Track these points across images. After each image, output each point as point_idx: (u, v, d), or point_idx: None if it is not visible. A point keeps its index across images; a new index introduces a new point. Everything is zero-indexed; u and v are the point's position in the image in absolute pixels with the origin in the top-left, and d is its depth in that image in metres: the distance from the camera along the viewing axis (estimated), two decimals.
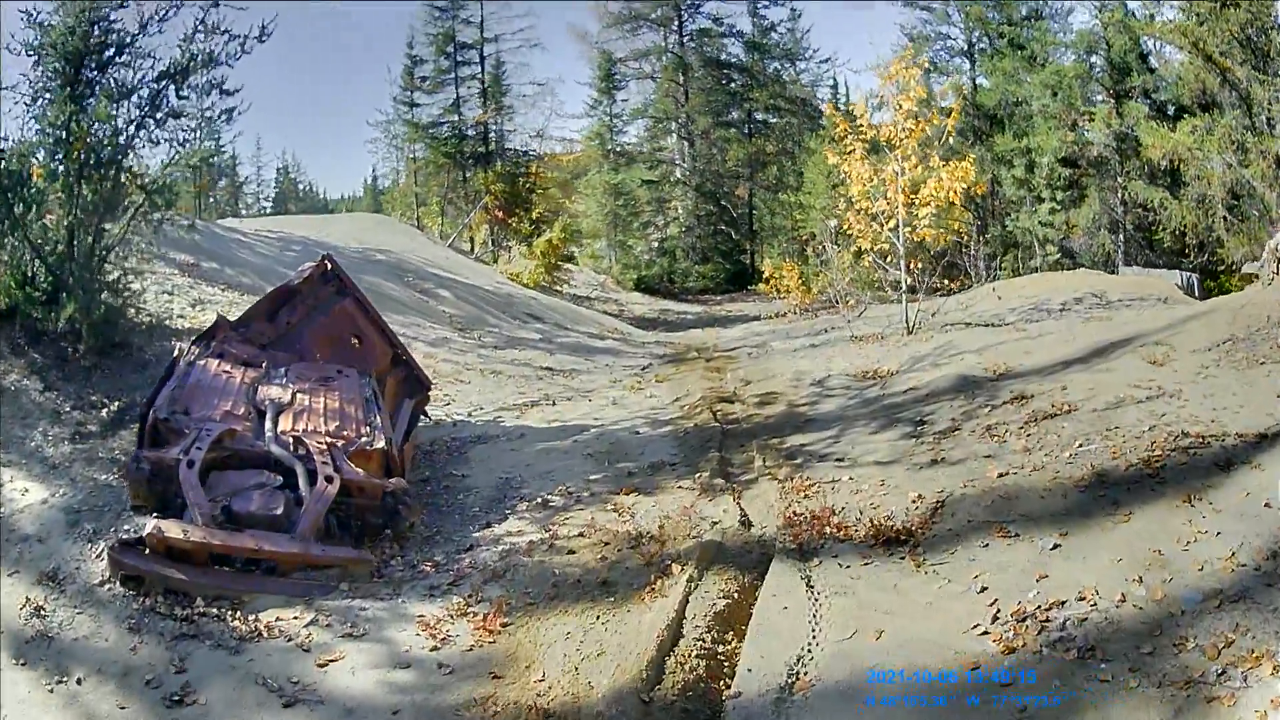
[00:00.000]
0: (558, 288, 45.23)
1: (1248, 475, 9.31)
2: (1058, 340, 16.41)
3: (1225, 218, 35.27)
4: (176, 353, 14.20)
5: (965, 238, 30.84)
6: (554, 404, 19.34)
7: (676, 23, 57.82)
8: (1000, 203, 43.61)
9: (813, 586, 9.21)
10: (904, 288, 23.71)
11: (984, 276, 37.25)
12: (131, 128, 16.02)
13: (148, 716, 7.86)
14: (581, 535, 11.18)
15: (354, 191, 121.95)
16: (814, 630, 8.44)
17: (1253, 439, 10.06)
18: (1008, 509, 10.03)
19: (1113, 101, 40.74)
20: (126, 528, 10.83)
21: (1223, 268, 36.03)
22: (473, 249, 53.33)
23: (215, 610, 9.38)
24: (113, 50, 15.80)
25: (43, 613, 9.28)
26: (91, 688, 8.20)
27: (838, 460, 13.18)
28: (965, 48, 48.83)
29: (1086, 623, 7.63)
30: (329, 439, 12.20)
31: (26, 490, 11.56)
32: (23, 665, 8.50)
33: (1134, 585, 7.93)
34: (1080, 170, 41.74)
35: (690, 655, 8.27)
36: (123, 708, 7.96)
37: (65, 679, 8.32)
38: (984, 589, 8.58)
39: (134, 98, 16.04)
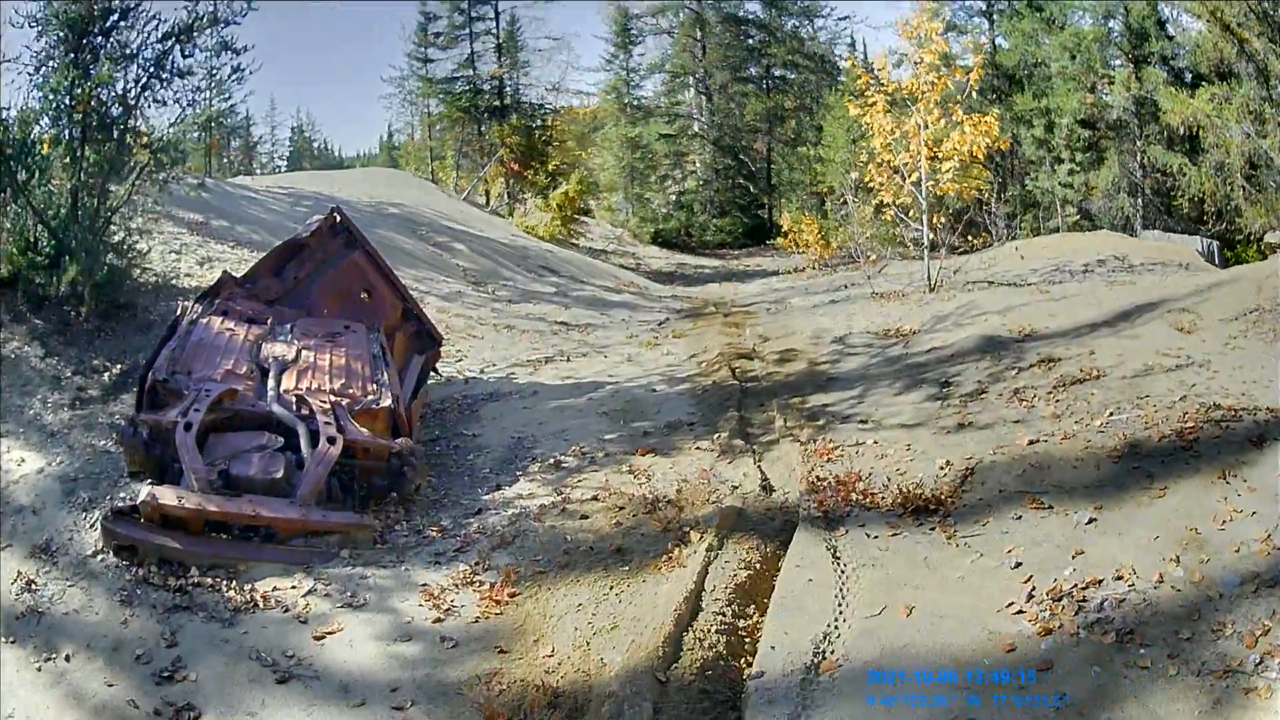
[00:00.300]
0: (574, 241, 45.21)
1: None
2: (1083, 303, 16.15)
3: (1244, 187, 35.16)
4: (180, 311, 13.90)
5: (986, 195, 30.70)
6: (569, 360, 19.17)
7: None
8: (1020, 162, 43.45)
9: (839, 558, 8.93)
10: (926, 244, 23.49)
11: (1004, 235, 37.15)
12: (136, 89, 15.91)
13: (136, 694, 7.60)
14: (595, 499, 10.91)
15: (370, 149, 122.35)
16: (841, 605, 8.16)
17: None
18: (1040, 479, 9.78)
19: (1131, 66, 40.59)
20: (122, 495, 10.55)
21: (1240, 237, 35.98)
22: (488, 202, 53.31)
23: (210, 580, 9.11)
24: (117, 15, 15.65)
25: (34, 587, 9.04)
26: (80, 665, 7.97)
27: (861, 422, 12.98)
28: (985, 7, 48.64)
29: (1125, 604, 7.36)
30: (333, 397, 11.90)
31: (23, 460, 11.33)
32: (11, 643, 8.25)
33: (1171, 565, 7.67)
34: (1099, 133, 41.57)
35: (710, 630, 7.98)
36: (110, 685, 7.71)
37: (53, 656, 8.08)
38: (1018, 564, 8.31)
39: (139, 60, 15.92)
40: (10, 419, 12.04)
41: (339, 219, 15.22)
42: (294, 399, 11.58)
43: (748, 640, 7.95)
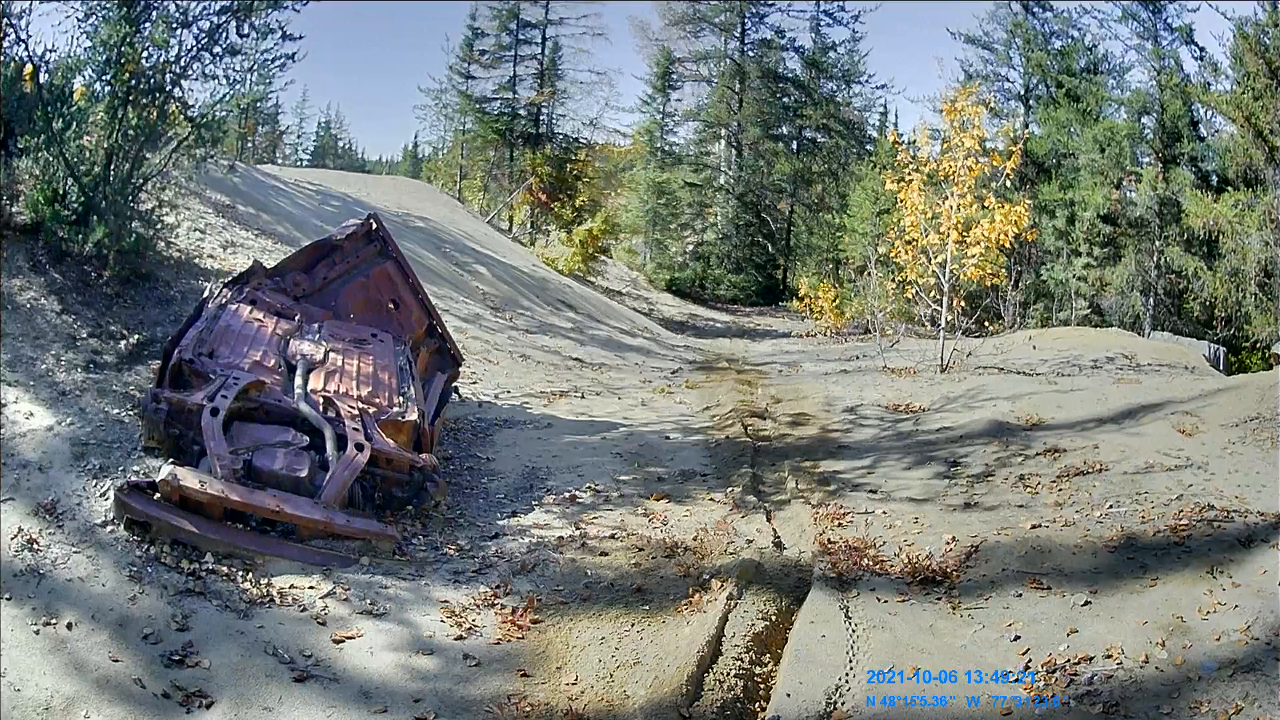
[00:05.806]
0: (591, 278, 45.51)
1: (1266, 554, 9.21)
2: (1090, 397, 16.26)
3: (1256, 294, 35.40)
4: (206, 293, 13.92)
5: (1002, 282, 30.94)
6: (583, 397, 19.32)
7: (739, 30, 58.05)
8: (1037, 251, 43.60)
9: (850, 617, 9.02)
10: (943, 325, 23.58)
11: (1015, 323, 37.29)
12: (187, 58, 15.60)
13: (143, 674, 7.33)
14: (613, 538, 10.91)
15: (393, 155, 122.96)
16: (851, 661, 8.24)
17: (1273, 519, 9.97)
18: (1040, 561, 9.92)
19: (1160, 165, 40.86)
20: (136, 469, 10.39)
21: (1246, 344, 36.13)
22: (510, 228, 53.52)
23: (225, 569, 8.93)
24: None
25: (35, 546, 8.67)
26: (82, 635, 7.64)
27: (871, 491, 13.05)
28: (1022, 92, 48.98)
29: (1112, 680, 7.61)
30: (360, 404, 11.87)
31: (32, 414, 10.96)
32: (8, 599, 7.86)
33: (1157, 648, 7.92)
34: (1119, 229, 41.73)
35: (729, 674, 7.98)
36: (116, 661, 7.41)
37: (54, 621, 7.72)
38: (1017, 637, 8.52)
39: (193, 28, 15.60)
40: (21, 370, 11.74)
41: (375, 226, 15.27)
42: (321, 400, 11.55)
43: (763, 687, 8.01)
